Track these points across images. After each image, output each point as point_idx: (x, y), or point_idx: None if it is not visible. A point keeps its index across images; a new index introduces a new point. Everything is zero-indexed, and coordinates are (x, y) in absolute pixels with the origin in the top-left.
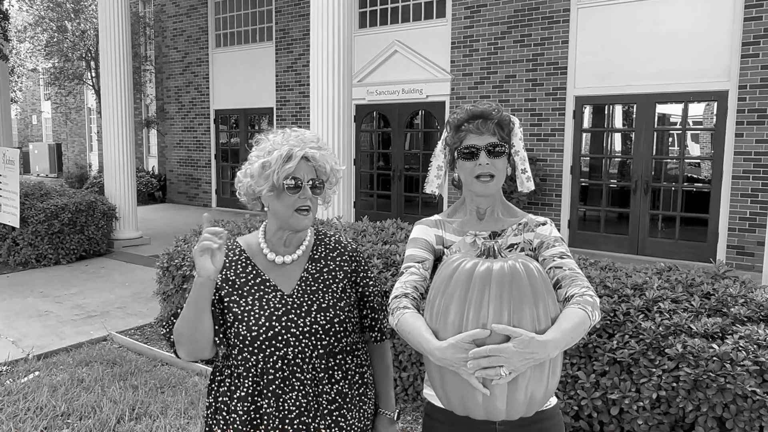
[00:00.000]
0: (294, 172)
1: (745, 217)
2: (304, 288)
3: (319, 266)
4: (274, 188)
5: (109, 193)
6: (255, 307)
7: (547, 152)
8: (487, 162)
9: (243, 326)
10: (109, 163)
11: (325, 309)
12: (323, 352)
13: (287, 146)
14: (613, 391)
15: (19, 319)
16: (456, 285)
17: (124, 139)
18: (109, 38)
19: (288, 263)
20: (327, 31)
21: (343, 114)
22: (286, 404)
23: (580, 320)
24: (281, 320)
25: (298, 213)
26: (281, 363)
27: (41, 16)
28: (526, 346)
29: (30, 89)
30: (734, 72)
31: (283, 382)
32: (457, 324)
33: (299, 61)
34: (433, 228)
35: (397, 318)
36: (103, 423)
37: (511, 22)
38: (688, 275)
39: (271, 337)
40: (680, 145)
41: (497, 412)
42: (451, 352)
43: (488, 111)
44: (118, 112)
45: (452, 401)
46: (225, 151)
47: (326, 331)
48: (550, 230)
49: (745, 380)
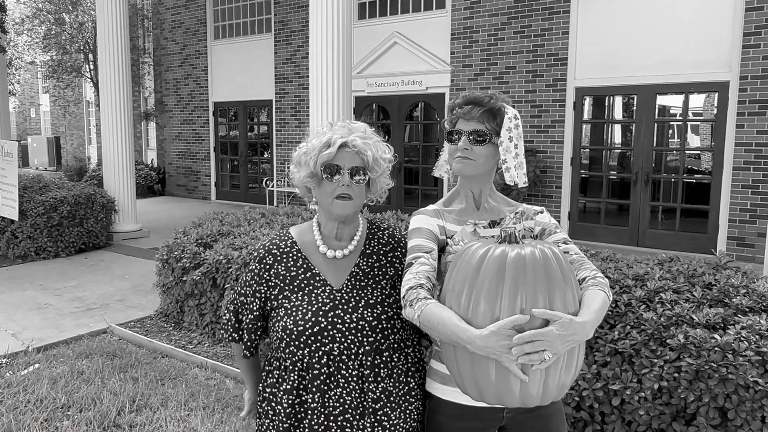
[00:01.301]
0: (334, 159)
1: (745, 208)
2: (354, 283)
3: (370, 261)
4: (314, 175)
5: (108, 185)
6: (304, 302)
7: (548, 144)
8: (465, 147)
9: (290, 320)
10: (107, 155)
11: (372, 305)
12: (369, 348)
13: (330, 134)
14: (614, 381)
15: (19, 311)
16: (487, 272)
17: (123, 131)
18: (107, 30)
19: (339, 258)
20: (326, 23)
21: (343, 106)
22: (331, 400)
23: (603, 301)
24: (328, 315)
25: (338, 200)
26: (327, 359)
27: (39, 8)
28: (567, 328)
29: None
30: (735, 63)
31: (329, 377)
32: (490, 312)
33: (298, 52)
34: (434, 218)
35: (420, 309)
36: (104, 415)
37: (511, 12)
38: (690, 266)
39: (317, 333)
40: (681, 136)
41: (532, 399)
42: (494, 340)
43: (480, 98)
44: (117, 105)
45: (485, 392)
46: (224, 144)
47: (373, 327)
48: (549, 218)
49: (747, 370)
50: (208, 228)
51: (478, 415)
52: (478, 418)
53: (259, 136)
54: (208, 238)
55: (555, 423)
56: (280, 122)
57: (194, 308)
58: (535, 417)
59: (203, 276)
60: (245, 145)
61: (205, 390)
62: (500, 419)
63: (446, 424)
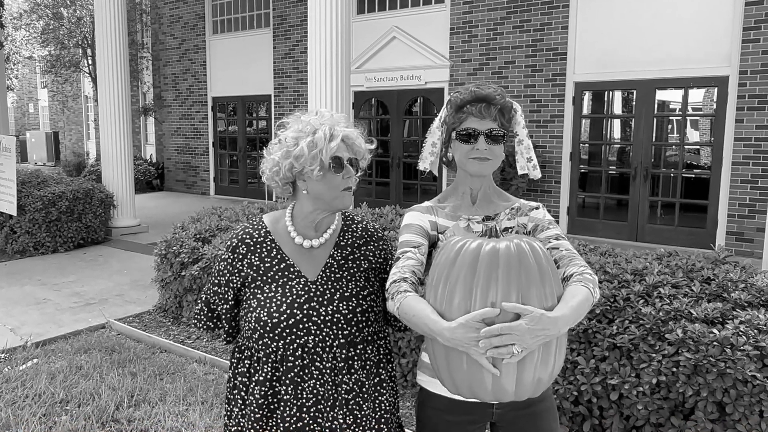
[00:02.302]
0: (338, 151)
1: (744, 203)
2: (329, 275)
3: (345, 253)
4: (322, 168)
5: (107, 180)
6: (278, 293)
7: (547, 139)
8: (485, 147)
9: (264, 312)
10: (106, 151)
11: (347, 298)
12: (344, 341)
13: (327, 125)
14: (612, 376)
15: (17, 306)
16: (461, 266)
17: (121, 126)
18: (105, 25)
19: (315, 247)
20: (325, 17)
21: (342, 101)
22: (304, 392)
23: (584, 297)
24: (303, 308)
25: (346, 191)
26: (301, 351)
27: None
28: (537, 323)
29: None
30: (735, 57)
31: (302, 370)
32: (464, 305)
33: (297, 47)
34: (426, 214)
35: (399, 302)
36: (102, 410)
37: (510, 7)
38: (689, 261)
39: (293, 325)
40: (680, 131)
41: (505, 394)
42: (462, 332)
43: (492, 95)
44: (115, 100)
45: (459, 385)
46: (223, 139)
47: (348, 320)
48: (544, 214)
49: (746, 365)
50: (206, 223)
51: (467, 409)
52: (468, 412)
53: (257, 131)
54: (207, 233)
55: (546, 420)
56: (279, 117)
57: (193, 303)
58: (526, 414)
59: (202, 271)
60: (244, 140)
61: (203, 385)
62: (490, 415)
63: (435, 417)
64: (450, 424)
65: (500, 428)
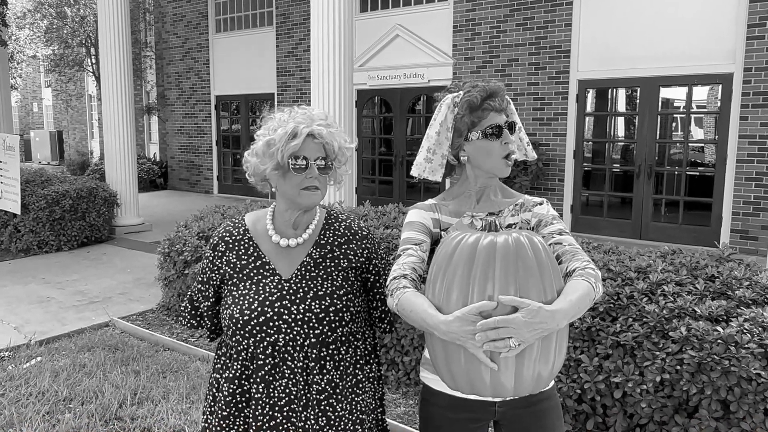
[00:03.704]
0: (300, 150)
1: (749, 201)
2: (303, 273)
3: (323, 252)
4: (279, 167)
5: (110, 179)
6: (251, 291)
7: (550, 136)
8: (512, 139)
9: (236, 309)
10: (109, 149)
11: (321, 297)
12: (315, 341)
13: (293, 123)
14: (616, 374)
15: (21, 305)
16: (459, 260)
17: (125, 125)
18: (108, 24)
19: (292, 246)
20: (328, 15)
21: (345, 99)
22: (276, 391)
23: (585, 292)
24: (274, 306)
25: (306, 191)
26: (271, 349)
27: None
28: (535, 316)
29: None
30: (739, 54)
31: (273, 368)
32: (461, 299)
33: (300, 45)
34: (429, 211)
35: (398, 298)
36: (105, 407)
37: (513, 4)
38: (693, 258)
39: (263, 323)
40: (684, 128)
41: (504, 390)
42: (458, 325)
43: (500, 88)
44: (119, 99)
45: (458, 380)
46: (226, 138)
47: (320, 319)
48: (548, 209)
49: (750, 363)
50: (209, 221)
51: (470, 407)
52: (470, 410)
53: None
54: (210, 232)
55: (550, 419)
56: None
57: None
58: (530, 412)
59: None
60: (247, 139)
61: (206, 383)
62: (492, 413)
63: (437, 415)
64: (452, 421)
65: (503, 426)
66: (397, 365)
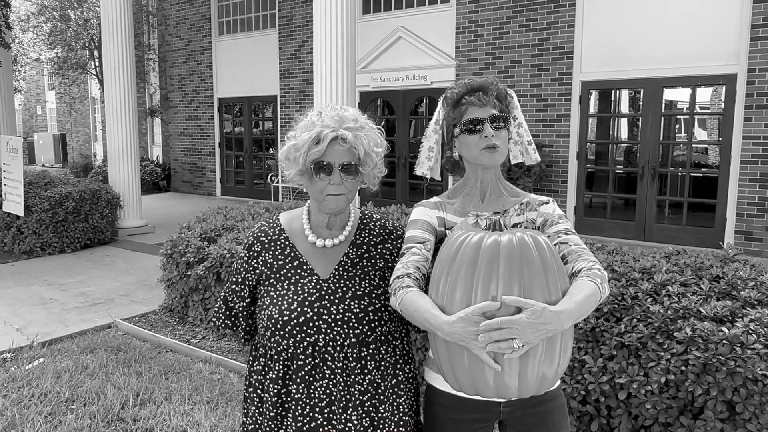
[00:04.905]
0: (324, 156)
1: (753, 202)
2: (341, 273)
3: (360, 252)
4: (303, 172)
5: (113, 181)
6: (290, 291)
7: (553, 138)
8: (492, 134)
9: (276, 310)
10: (112, 152)
11: (360, 297)
12: (356, 341)
13: (318, 127)
14: (620, 375)
15: (24, 306)
16: (462, 259)
17: (128, 128)
18: (111, 27)
19: (329, 247)
20: (330, 18)
21: (347, 101)
22: (317, 392)
23: (591, 292)
24: (314, 306)
25: (330, 196)
26: (311, 350)
27: (44, 5)
28: (539, 317)
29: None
30: (743, 55)
31: (314, 369)
32: (465, 299)
33: (303, 48)
34: (434, 210)
35: (401, 297)
36: (107, 409)
37: (516, 6)
38: (697, 259)
39: (302, 323)
40: (688, 130)
41: (508, 391)
42: (461, 326)
43: (487, 83)
44: (122, 102)
45: (462, 381)
46: (229, 140)
47: (359, 319)
48: (554, 208)
49: (756, 363)
50: (212, 223)
51: (475, 407)
52: (475, 410)
53: (263, 131)
54: (212, 233)
55: (556, 419)
56: (285, 118)
57: (198, 303)
58: (535, 413)
59: (207, 270)
60: (250, 141)
61: (209, 384)
62: (497, 413)
63: (442, 415)
64: (456, 422)
65: (509, 427)
66: None
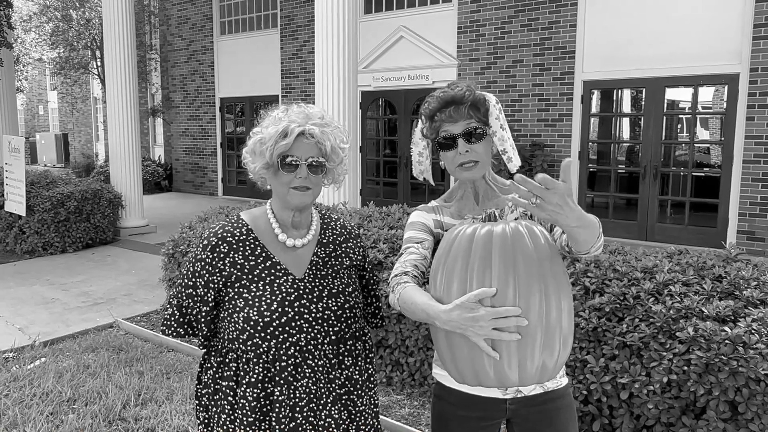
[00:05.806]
0: (291, 150)
1: (756, 202)
2: (315, 272)
3: (327, 251)
4: (269, 166)
5: (115, 181)
6: (266, 292)
7: (555, 138)
8: (466, 150)
9: (254, 311)
10: (114, 151)
11: (335, 294)
12: (335, 338)
13: (285, 122)
14: (623, 375)
15: (26, 306)
16: (458, 251)
17: (129, 127)
18: (113, 27)
19: (299, 247)
20: (332, 17)
21: (349, 101)
22: (298, 391)
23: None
24: (294, 306)
25: (295, 190)
26: (294, 349)
27: (46, 5)
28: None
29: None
30: (745, 54)
31: (296, 369)
32: (461, 290)
33: (304, 47)
34: (431, 213)
35: (398, 293)
36: (109, 408)
37: (518, 5)
38: (699, 258)
39: (285, 323)
40: (690, 129)
41: (508, 380)
42: (458, 313)
43: (459, 95)
44: (123, 101)
45: (464, 373)
46: (231, 140)
47: (338, 317)
48: None
49: (758, 363)
50: (213, 222)
51: (482, 404)
52: (482, 407)
53: None
54: None
55: (564, 418)
56: None
57: None
58: (541, 411)
59: None
60: None
61: None
62: (504, 411)
63: (449, 412)
64: (462, 419)
65: (515, 425)
66: (401, 366)
